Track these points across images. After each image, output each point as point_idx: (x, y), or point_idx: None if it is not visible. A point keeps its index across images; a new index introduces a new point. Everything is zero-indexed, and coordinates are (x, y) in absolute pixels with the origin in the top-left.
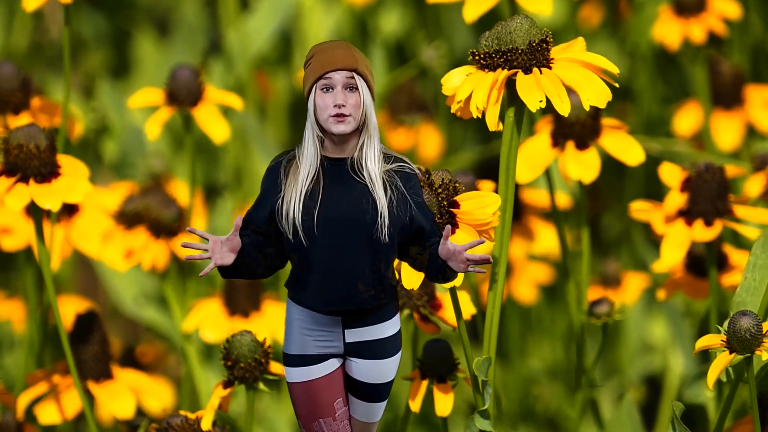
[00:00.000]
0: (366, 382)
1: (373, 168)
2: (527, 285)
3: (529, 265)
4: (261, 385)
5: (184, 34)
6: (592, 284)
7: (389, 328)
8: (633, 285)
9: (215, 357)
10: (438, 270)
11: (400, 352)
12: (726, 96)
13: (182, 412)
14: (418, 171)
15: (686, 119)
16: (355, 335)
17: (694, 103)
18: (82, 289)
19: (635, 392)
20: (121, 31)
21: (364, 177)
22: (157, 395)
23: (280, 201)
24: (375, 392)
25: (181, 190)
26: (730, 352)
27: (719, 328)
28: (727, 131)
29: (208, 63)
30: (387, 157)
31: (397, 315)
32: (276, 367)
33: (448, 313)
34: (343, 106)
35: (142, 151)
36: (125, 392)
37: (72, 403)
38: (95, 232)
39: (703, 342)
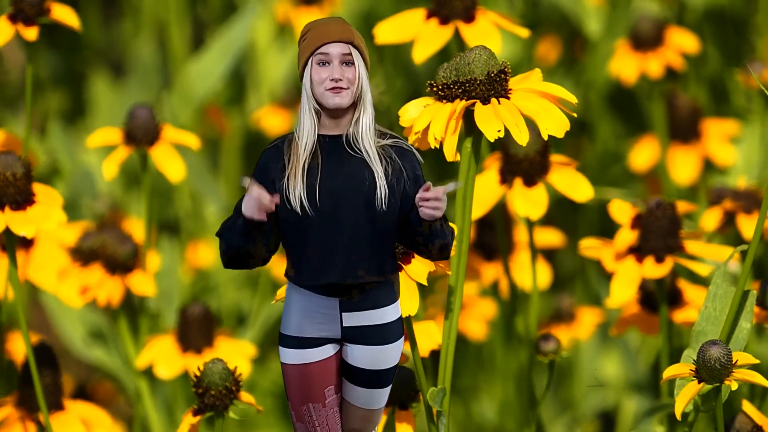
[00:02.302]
0: (365, 369)
1: (368, 141)
2: (477, 321)
3: (479, 301)
4: (231, 414)
5: (139, 74)
6: (546, 320)
7: (389, 313)
8: (587, 320)
9: (160, 393)
10: (418, 234)
11: (401, 339)
12: (683, 130)
13: None
14: (414, 149)
15: (643, 154)
16: (352, 319)
17: (651, 138)
18: (35, 327)
19: (588, 428)
20: (76, 72)
21: (360, 150)
22: (107, 428)
23: (285, 178)
24: (375, 379)
25: (135, 228)
26: (699, 382)
27: (690, 357)
28: (684, 165)
29: (161, 102)
30: (382, 134)
31: (398, 301)
32: (246, 396)
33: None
34: (340, 80)
35: (92, 192)
36: (76, 423)
37: None
38: (51, 266)
39: (672, 371)
